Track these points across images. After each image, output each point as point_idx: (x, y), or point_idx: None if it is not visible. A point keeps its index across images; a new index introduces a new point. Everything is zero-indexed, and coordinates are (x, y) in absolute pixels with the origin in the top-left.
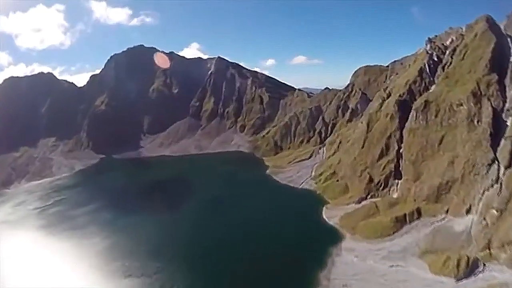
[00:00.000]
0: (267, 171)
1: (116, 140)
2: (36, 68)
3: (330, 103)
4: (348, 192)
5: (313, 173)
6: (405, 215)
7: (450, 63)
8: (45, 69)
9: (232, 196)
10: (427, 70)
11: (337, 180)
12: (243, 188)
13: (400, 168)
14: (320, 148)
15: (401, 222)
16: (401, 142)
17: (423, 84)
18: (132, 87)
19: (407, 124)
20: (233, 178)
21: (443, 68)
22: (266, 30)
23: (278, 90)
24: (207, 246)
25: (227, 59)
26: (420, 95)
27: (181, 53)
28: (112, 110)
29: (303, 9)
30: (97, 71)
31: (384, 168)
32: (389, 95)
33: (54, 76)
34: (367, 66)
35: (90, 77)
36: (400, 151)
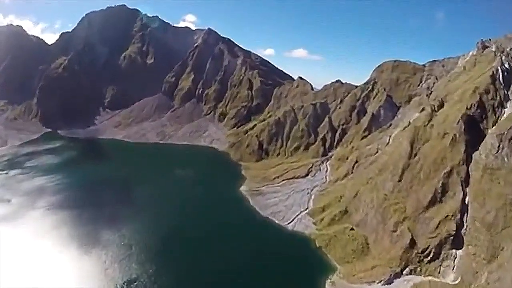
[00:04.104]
0: (242, 187)
1: (69, 111)
2: (13, 21)
3: (341, 101)
4: (369, 253)
5: (311, 204)
6: None
7: None
8: (24, 24)
9: (176, 241)
10: (501, 79)
11: (352, 229)
12: (199, 220)
13: (463, 231)
14: (322, 163)
15: None
16: (467, 185)
17: (498, 98)
18: (102, 51)
19: (477, 156)
20: (190, 196)
21: None
22: (269, 14)
23: (273, 77)
24: None
25: (218, 32)
26: (494, 112)
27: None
28: (72, 76)
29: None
30: None
31: (438, 226)
32: (441, 105)
33: (24, 30)
34: (396, 61)
35: (60, 35)
36: (466, 200)
